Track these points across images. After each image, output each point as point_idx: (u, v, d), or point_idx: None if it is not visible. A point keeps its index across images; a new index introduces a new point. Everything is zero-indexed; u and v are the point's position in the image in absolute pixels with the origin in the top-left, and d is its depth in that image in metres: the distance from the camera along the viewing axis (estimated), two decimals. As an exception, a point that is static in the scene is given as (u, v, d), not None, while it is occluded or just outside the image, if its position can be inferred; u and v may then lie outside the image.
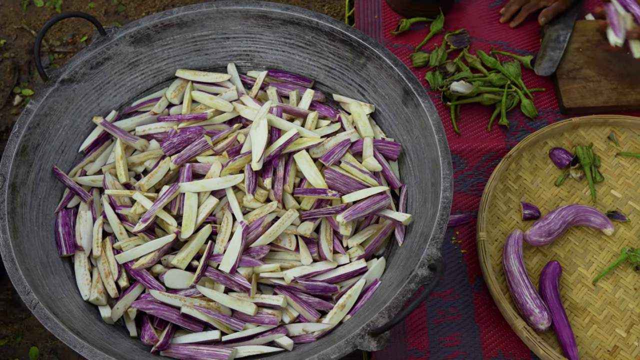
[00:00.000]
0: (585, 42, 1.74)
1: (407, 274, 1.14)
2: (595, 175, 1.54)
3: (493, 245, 1.46)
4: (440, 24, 1.74)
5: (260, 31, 1.46)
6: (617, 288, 1.43)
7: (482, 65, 1.70)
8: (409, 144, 1.36)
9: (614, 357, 1.35)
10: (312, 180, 1.28)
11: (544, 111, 1.66)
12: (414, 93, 1.31)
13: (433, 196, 1.23)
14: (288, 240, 1.28)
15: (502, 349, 1.36)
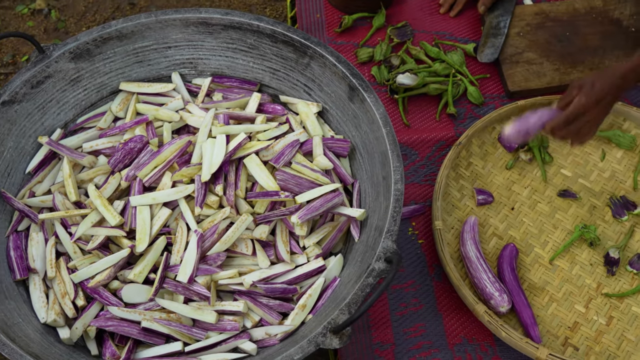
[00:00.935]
0: (525, 26, 1.76)
1: (365, 269, 1.14)
2: (545, 156, 1.56)
3: (450, 233, 1.47)
4: (382, 18, 1.75)
5: (202, 38, 1.45)
6: (574, 265, 1.45)
7: (426, 56, 1.71)
8: (358, 140, 1.37)
9: (574, 333, 1.38)
10: (263, 183, 1.28)
11: (490, 97, 1.68)
12: (359, 89, 1.32)
13: (385, 189, 1.23)
14: (244, 245, 1.27)
15: (466, 335, 1.37)
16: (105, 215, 1.26)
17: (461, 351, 1.36)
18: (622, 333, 1.38)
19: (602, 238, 1.47)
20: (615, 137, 1.57)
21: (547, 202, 1.52)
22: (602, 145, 1.59)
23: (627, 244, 1.47)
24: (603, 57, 1.70)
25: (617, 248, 1.44)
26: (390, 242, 1.15)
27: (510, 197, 1.52)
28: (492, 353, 1.36)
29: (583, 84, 1.28)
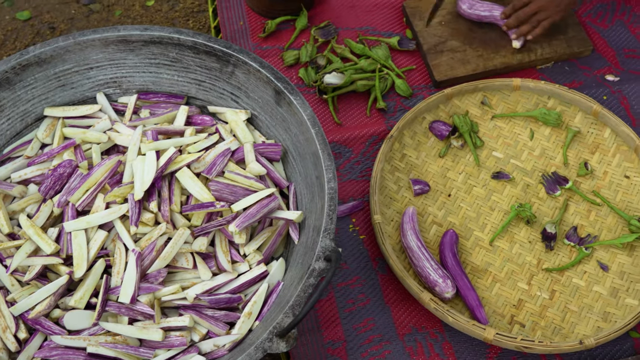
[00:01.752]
0: (447, 14, 1.79)
1: (306, 270, 1.15)
2: (476, 140, 1.59)
3: (390, 226, 1.48)
4: (304, 20, 1.76)
5: (124, 56, 1.44)
6: (513, 244, 1.48)
7: (351, 54, 1.72)
8: (289, 143, 1.37)
9: (520, 311, 1.40)
10: (198, 195, 1.28)
11: (418, 88, 1.70)
12: (284, 92, 1.32)
13: (319, 189, 1.24)
14: (184, 259, 1.26)
15: (415, 324, 1.39)
16: (40, 244, 1.24)
17: (411, 341, 1.37)
18: (565, 305, 1.41)
19: (538, 215, 1.51)
20: (541, 115, 1.60)
21: (482, 186, 1.55)
22: (530, 124, 1.62)
23: (562, 218, 1.50)
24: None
25: (553, 223, 1.48)
26: (328, 240, 1.16)
27: (446, 184, 1.55)
28: (442, 339, 1.37)
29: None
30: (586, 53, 1.75)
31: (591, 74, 1.72)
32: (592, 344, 1.30)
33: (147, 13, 2.08)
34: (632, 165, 1.56)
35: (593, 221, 1.50)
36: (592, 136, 1.60)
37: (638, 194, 1.52)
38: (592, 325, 1.38)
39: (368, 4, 1.83)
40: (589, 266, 1.45)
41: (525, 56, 1.72)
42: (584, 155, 1.58)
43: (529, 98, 1.64)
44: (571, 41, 1.75)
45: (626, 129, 1.56)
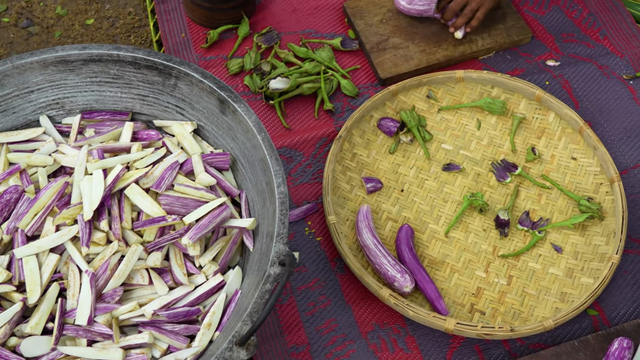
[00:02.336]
0: (387, 12, 1.81)
1: (262, 276, 1.15)
2: (424, 134, 1.61)
3: (345, 225, 1.49)
4: (246, 27, 1.76)
5: (64, 76, 1.42)
6: (468, 233, 1.50)
7: (295, 58, 1.73)
8: (237, 151, 1.37)
9: (479, 299, 1.42)
10: (148, 210, 1.27)
11: (364, 87, 1.71)
12: (228, 100, 1.32)
13: (270, 195, 1.24)
14: (140, 275, 1.26)
15: (377, 321, 1.40)
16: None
17: (375, 338, 1.38)
18: (523, 289, 1.43)
19: (490, 203, 1.52)
20: (486, 105, 1.62)
21: (433, 179, 1.56)
22: (476, 114, 1.64)
23: (514, 204, 1.52)
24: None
25: (505, 210, 1.50)
26: (281, 245, 1.16)
27: (398, 180, 1.56)
28: (404, 334, 1.38)
29: None
30: (526, 40, 1.78)
31: (532, 61, 1.75)
32: (552, 325, 1.32)
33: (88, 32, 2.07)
34: (578, 147, 1.58)
35: (544, 205, 1.52)
36: (538, 121, 1.62)
37: (586, 175, 1.55)
38: (551, 306, 1.41)
39: (309, 7, 1.84)
40: (544, 249, 1.47)
41: (467, 48, 1.74)
42: (531, 140, 1.61)
43: (473, 89, 1.67)
44: (510, 30, 1.77)
45: (569, 111, 1.59)
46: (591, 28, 1.81)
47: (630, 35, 1.79)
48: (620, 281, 1.44)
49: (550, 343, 1.37)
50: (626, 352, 1.31)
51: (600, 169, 1.55)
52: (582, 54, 1.76)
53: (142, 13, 2.15)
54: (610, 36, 1.79)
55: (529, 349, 1.37)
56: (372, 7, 1.81)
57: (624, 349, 1.31)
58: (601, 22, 1.81)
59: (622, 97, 1.69)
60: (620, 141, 1.62)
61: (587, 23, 1.82)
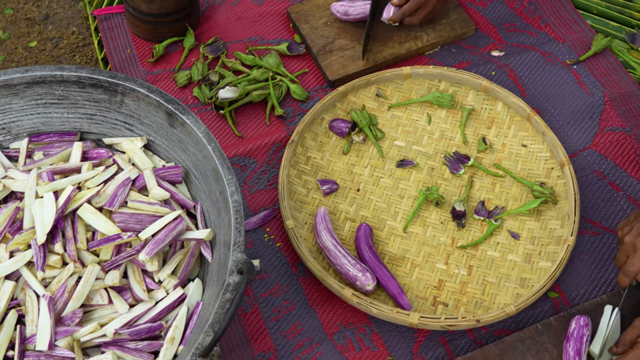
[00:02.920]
0: (331, 14, 1.81)
1: (222, 286, 1.15)
2: (376, 132, 1.62)
3: (304, 229, 1.49)
4: (192, 39, 1.76)
5: (8, 101, 1.40)
6: (426, 227, 1.51)
7: (243, 66, 1.73)
8: (189, 163, 1.37)
9: (441, 291, 1.43)
10: (103, 229, 1.26)
11: (313, 90, 1.71)
12: (176, 113, 1.32)
13: (224, 204, 1.24)
14: (99, 295, 1.24)
15: (342, 322, 1.40)
16: (-55, 305, 1.20)
17: (341, 338, 1.38)
18: (484, 278, 1.44)
19: (445, 195, 1.54)
20: (435, 99, 1.64)
21: (388, 176, 1.57)
22: (426, 109, 1.66)
23: (469, 195, 1.54)
24: (409, 29, 1.78)
25: (460, 201, 1.51)
26: (239, 253, 1.16)
27: (353, 179, 1.57)
28: (370, 332, 1.39)
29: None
30: (470, 33, 1.80)
31: (478, 53, 1.77)
32: (513, 311, 1.34)
33: (31, 54, 2.04)
34: (527, 134, 1.61)
35: (499, 193, 1.54)
36: (486, 112, 1.65)
37: (537, 161, 1.58)
38: (512, 293, 1.42)
39: (253, 14, 1.84)
40: (501, 237, 1.49)
41: (412, 44, 1.76)
42: (481, 131, 1.63)
43: (421, 84, 1.68)
44: (454, 24, 1.80)
45: (516, 100, 1.61)
46: (532, 17, 1.84)
47: (570, 21, 1.83)
48: (578, 262, 1.47)
49: (514, 328, 1.39)
50: (585, 330, 1.33)
51: (550, 154, 1.57)
52: (526, 42, 1.79)
53: (86, 32, 2.14)
54: (552, 23, 1.82)
55: (493, 336, 1.38)
56: (316, 10, 1.82)
57: (581, 327, 1.33)
58: (542, 10, 1.84)
59: (567, 82, 1.72)
60: (568, 125, 1.65)
61: (528, 12, 1.84)
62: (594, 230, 1.50)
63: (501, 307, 1.36)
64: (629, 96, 1.68)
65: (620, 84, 1.70)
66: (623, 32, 1.81)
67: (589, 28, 1.81)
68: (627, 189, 1.55)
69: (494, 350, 1.34)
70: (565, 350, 1.32)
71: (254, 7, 1.85)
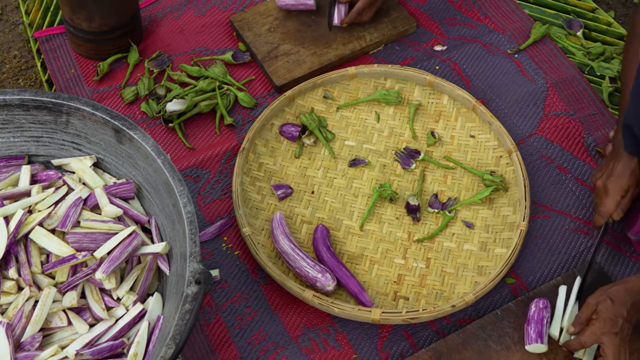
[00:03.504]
0: (274, 21, 1.82)
1: (181, 297, 1.15)
2: (326, 134, 1.63)
3: (261, 235, 1.50)
4: (135, 54, 1.75)
5: (-49, 129, 1.39)
6: (382, 224, 1.52)
7: (189, 78, 1.73)
8: (140, 178, 1.37)
9: (401, 286, 1.45)
10: (57, 251, 1.25)
11: (261, 96, 1.72)
12: (123, 129, 1.32)
13: (178, 216, 1.24)
14: (58, 317, 1.23)
15: (305, 324, 1.41)
16: None
17: (306, 340, 1.39)
18: (442, 269, 1.46)
19: (399, 191, 1.56)
20: (382, 97, 1.66)
21: (341, 176, 1.58)
22: (374, 107, 1.67)
23: (422, 188, 1.56)
24: (351, 30, 1.79)
25: (414, 195, 1.53)
26: (195, 264, 1.16)
27: (307, 182, 1.58)
28: (334, 331, 1.40)
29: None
30: (412, 30, 1.83)
31: (421, 48, 1.80)
32: (472, 299, 1.36)
33: (-26, 81, 2.02)
34: (474, 124, 1.64)
35: (451, 185, 1.57)
36: (433, 106, 1.67)
37: (485, 150, 1.60)
38: (470, 281, 1.45)
39: (196, 25, 1.84)
40: (456, 227, 1.51)
41: (356, 45, 1.78)
42: (430, 125, 1.65)
43: (367, 83, 1.70)
44: (396, 22, 1.82)
45: (461, 92, 1.64)
46: (472, 10, 1.87)
47: (509, 11, 1.86)
48: (532, 246, 1.49)
49: (475, 316, 1.41)
50: (544, 312, 1.36)
51: (497, 142, 1.60)
52: (467, 35, 1.82)
53: (28, 54, 2.12)
54: (491, 15, 1.86)
55: (455, 325, 1.40)
56: (258, 17, 1.83)
57: (541, 309, 1.36)
58: (480, 2, 1.88)
59: (510, 71, 1.75)
60: (514, 113, 1.68)
61: (467, 5, 1.88)
62: (545, 214, 1.53)
63: (461, 297, 1.38)
64: (570, 81, 1.72)
65: (561, 70, 1.74)
66: (560, 19, 1.85)
67: (527, 17, 1.85)
68: (574, 171, 1.59)
69: (457, 339, 1.36)
70: (527, 333, 1.34)
71: (196, 19, 1.85)
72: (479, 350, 1.35)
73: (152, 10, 1.87)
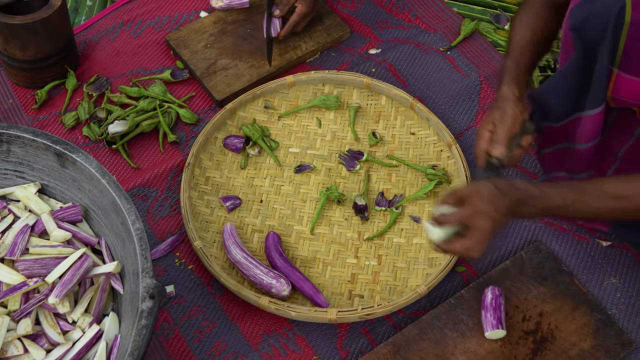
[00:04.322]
0: (209, 37, 1.84)
1: (136, 314, 1.15)
2: (270, 143, 1.65)
3: (214, 247, 1.51)
4: (73, 80, 1.75)
5: None
6: (332, 226, 1.55)
7: (129, 99, 1.73)
8: (87, 200, 1.37)
9: (355, 284, 1.47)
10: (7, 279, 1.24)
11: (203, 112, 1.74)
12: (65, 153, 1.32)
13: (127, 234, 1.25)
14: (13, 347, 1.22)
15: (264, 331, 1.42)
16: None
17: (266, 347, 1.40)
18: (394, 265, 1.50)
19: (346, 192, 1.59)
20: (322, 102, 1.69)
21: (288, 183, 1.61)
22: (315, 113, 1.70)
23: (367, 188, 1.59)
24: (287, 41, 1.82)
25: (360, 195, 1.56)
26: (148, 279, 1.16)
27: (255, 192, 1.59)
28: (293, 335, 1.42)
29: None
30: (346, 36, 1.86)
31: (356, 53, 1.84)
32: (425, 291, 1.40)
33: None
34: (413, 122, 1.68)
35: (395, 182, 1.60)
36: (372, 107, 1.71)
37: (426, 146, 1.64)
38: (421, 274, 1.48)
39: (132, 47, 1.85)
40: (404, 223, 1.55)
41: (292, 54, 1.80)
42: (370, 126, 1.68)
43: (306, 90, 1.73)
44: (329, 29, 1.85)
45: (398, 91, 1.68)
46: (402, 12, 1.92)
47: (438, 11, 1.91)
48: (479, 235, 1.53)
49: (429, 307, 1.44)
50: (500, 299, 1.39)
51: (437, 137, 1.64)
52: (400, 36, 1.87)
53: (-35, 89, 2.09)
54: (421, 15, 1.91)
55: (411, 318, 1.43)
56: (194, 34, 1.84)
57: (497, 296, 1.39)
58: (410, 4, 1.92)
59: (444, 68, 1.80)
60: (451, 108, 1.72)
61: (397, 8, 1.92)
62: (489, 203, 1.58)
63: (413, 289, 1.41)
64: (502, 73, 1.78)
65: (492, 63, 1.80)
66: (488, 14, 1.91)
67: (456, 15, 1.90)
68: (513, 159, 1.64)
69: (413, 331, 1.39)
70: (486, 320, 1.37)
71: (132, 40, 1.86)
72: (436, 340, 1.38)
73: (87, 35, 1.87)
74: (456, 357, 1.36)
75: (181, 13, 1.91)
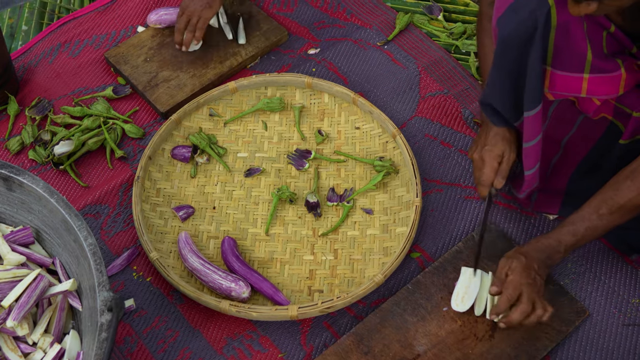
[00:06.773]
0: (148, 50, 1.85)
1: (96, 328, 1.15)
2: (218, 150, 1.66)
3: (171, 257, 1.51)
4: (14, 105, 1.74)
5: None
6: (287, 225, 1.57)
7: (73, 119, 1.73)
8: (37, 222, 1.36)
9: (314, 280, 1.49)
10: (-38, 308, 1.23)
11: (149, 125, 1.74)
12: (11, 176, 1.31)
13: (81, 251, 1.25)
14: (-25, 374, 1.22)
15: (228, 334, 1.43)
16: None
17: (231, 350, 1.41)
18: (350, 257, 1.52)
19: (297, 192, 1.61)
20: (266, 105, 1.71)
21: (239, 187, 1.62)
22: (260, 117, 1.72)
23: (318, 185, 1.61)
24: (226, 48, 1.84)
25: (312, 193, 1.58)
26: (105, 292, 1.17)
27: (207, 199, 1.61)
28: (257, 336, 1.43)
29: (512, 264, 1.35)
30: (284, 39, 1.88)
31: (296, 54, 1.86)
32: (382, 279, 1.42)
33: None
34: (357, 116, 1.71)
35: (345, 177, 1.63)
36: (316, 106, 1.73)
37: (372, 139, 1.67)
38: (378, 263, 1.51)
39: (72, 67, 1.84)
40: (357, 216, 1.57)
41: (233, 61, 1.82)
42: (316, 124, 1.71)
43: (249, 95, 1.75)
44: (267, 33, 1.87)
45: (340, 88, 1.71)
46: (337, 11, 1.95)
47: (372, 7, 1.95)
48: (431, 220, 1.57)
49: (388, 295, 1.47)
50: None
51: (381, 129, 1.68)
52: (337, 35, 1.89)
53: None
54: (356, 12, 1.94)
55: (371, 307, 1.46)
56: (132, 50, 1.85)
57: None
58: (344, 3, 1.96)
59: (383, 62, 1.83)
60: (392, 100, 1.76)
61: (332, 7, 1.95)
62: (437, 188, 1.61)
63: (371, 279, 1.44)
64: (439, 62, 1.82)
65: (429, 53, 1.84)
66: (421, 7, 1.95)
67: (390, 9, 1.94)
68: (457, 144, 1.68)
69: (375, 319, 1.42)
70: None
71: (70, 61, 1.86)
72: (397, 326, 1.41)
73: (25, 59, 1.86)
74: (418, 341, 1.39)
75: (118, 30, 1.91)
